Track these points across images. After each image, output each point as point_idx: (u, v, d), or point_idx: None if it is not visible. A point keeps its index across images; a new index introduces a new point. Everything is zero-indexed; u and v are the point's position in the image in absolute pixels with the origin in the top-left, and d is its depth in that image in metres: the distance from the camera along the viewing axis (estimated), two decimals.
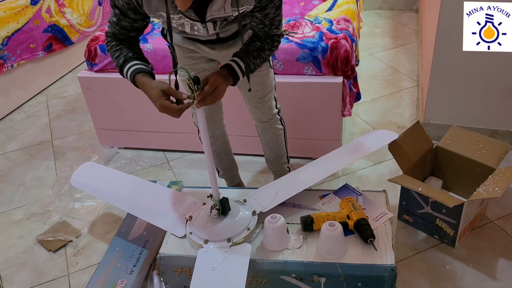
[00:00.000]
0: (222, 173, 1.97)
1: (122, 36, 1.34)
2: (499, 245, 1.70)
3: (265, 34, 1.38)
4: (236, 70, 1.33)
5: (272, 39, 1.39)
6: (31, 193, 2.23)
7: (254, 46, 1.37)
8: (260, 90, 1.63)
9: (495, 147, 1.78)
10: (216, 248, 1.36)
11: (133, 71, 1.30)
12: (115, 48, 1.35)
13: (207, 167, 1.40)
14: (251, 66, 1.36)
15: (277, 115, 1.75)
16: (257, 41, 1.38)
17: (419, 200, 1.70)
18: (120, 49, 1.34)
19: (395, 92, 2.79)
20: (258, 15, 1.30)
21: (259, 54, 1.37)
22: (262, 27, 1.35)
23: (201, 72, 1.58)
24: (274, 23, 1.34)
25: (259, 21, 1.32)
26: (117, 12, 1.29)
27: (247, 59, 1.34)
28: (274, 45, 1.40)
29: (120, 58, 1.33)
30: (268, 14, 1.30)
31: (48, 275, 1.77)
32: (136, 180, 1.79)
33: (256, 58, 1.37)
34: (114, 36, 1.35)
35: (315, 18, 2.22)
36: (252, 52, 1.36)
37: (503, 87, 2.05)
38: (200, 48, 1.52)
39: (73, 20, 3.39)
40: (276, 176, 1.97)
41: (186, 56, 1.56)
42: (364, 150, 1.70)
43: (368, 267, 1.30)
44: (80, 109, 2.94)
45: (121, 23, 1.30)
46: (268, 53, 1.40)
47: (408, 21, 3.85)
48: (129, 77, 1.31)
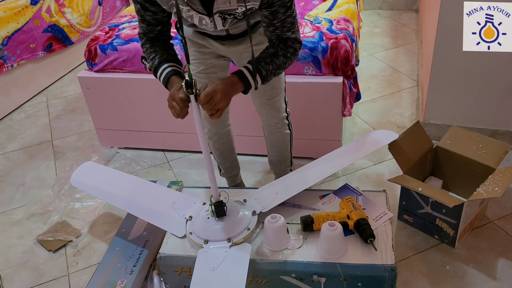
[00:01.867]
0: (223, 171, 1.96)
1: (151, 34, 1.37)
2: (499, 245, 1.70)
3: (277, 38, 1.33)
4: (247, 76, 1.29)
5: (286, 44, 1.33)
6: (31, 193, 2.24)
7: (267, 52, 1.33)
8: (268, 90, 1.61)
9: (495, 147, 1.78)
10: (216, 248, 1.36)
11: (168, 73, 1.33)
12: (150, 50, 1.39)
13: (206, 168, 1.39)
14: (263, 73, 1.30)
15: (285, 119, 1.72)
16: (270, 47, 1.34)
17: (419, 200, 1.70)
18: (155, 51, 1.38)
19: (395, 92, 2.79)
20: (266, 13, 1.27)
21: (272, 60, 1.31)
22: (273, 30, 1.31)
23: (210, 68, 1.59)
24: (286, 25, 1.30)
25: (269, 21, 1.29)
26: (138, 7, 1.31)
27: (258, 65, 1.30)
28: (288, 51, 1.33)
29: (155, 59, 1.37)
30: (276, 14, 1.26)
31: (48, 275, 1.77)
32: (136, 180, 1.79)
33: (269, 64, 1.31)
34: (145, 37, 1.39)
35: (315, 18, 2.22)
36: (264, 58, 1.31)
37: (503, 87, 2.05)
38: (210, 43, 1.52)
39: (73, 20, 3.39)
40: (277, 177, 1.96)
41: (197, 51, 1.56)
42: (364, 150, 1.70)
43: (368, 267, 1.30)
44: (80, 109, 2.94)
45: (144, 19, 1.33)
46: (283, 59, 1.33)
47: (408, 21, 3.85)
48: (163, 78, 1.34)
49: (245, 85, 1.30)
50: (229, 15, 1.31)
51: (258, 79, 1.31)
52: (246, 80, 1.29)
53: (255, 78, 1.30)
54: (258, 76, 1.30)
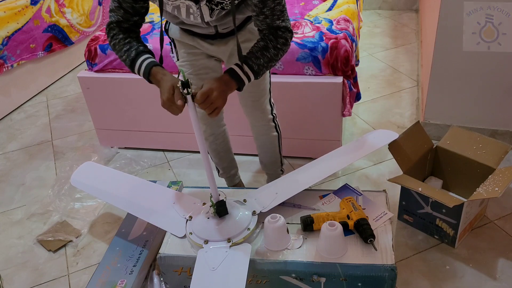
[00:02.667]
0: (222, 172, 1.96)
1: (126, 24, 1.32)
2: (499, 245, 1.70)
3: (268, 27, 1.31)
4: (239, 73, 1.29)
5: (276, 34, 1.31)
6: (31, 193, 2.24)
7: (257, 46, 1.31)
8: (254, 92, 1.61)
9: (495, 147, 1.78)
10: (216, 248, 1.36)
11: (149, 63, 1.30)
12: (124, 42, 1.33)
13: (205, 168, 1.40)
14: (255, 67, 1.30)
15: (271, 121, 1.73)
16: (260, 40, 1.33)
17: (419, 200, 1.70)
18: (129, 42, 1.33)
19: (395, 92, 2.79)
20: (256, 1, 1.25)
21: (263, 54, 1.30)
22: (263, 18, 1.29)
23: (201, 69, 1.58)
24: (276, 12, 1.27)
25: (258, 10, 1.27)
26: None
27: (249, 60, 1.30)
28: (279, 42, 1.31)
29: (131, 51, 1.32)
30: (266, 1, 1.24)
31: (48, 275, 1.77)
32: (136, 180, 1.79)
33: (259, 58, 1.30)
34: (118, 26, 1.33)
35: (315, 18, 2.22)
36: (255, 53, 1.30)
37: (503, 87, 2.05)
38: (199, 44, 1.52)
39: (73, 20, 3.39)
40: (269, 177, 1.98)
41: (187, 52, 1.56)
42: (364, 150, 1.70)
43: (368, 267, 1.30)
44: (80, 109, 2.94)
45: (121, 6, 1.29)
46: (274, 52, 1.31)
47: (408, 21, 3.85)
48: (145, 69, 1.30)
49: (237, 82, 1.30)
50: (217, 5, 1.29)
51: (251, 74, 1.31)
52: (238, 77, 1.29)
53: (247, 74, 1.30)
54: (250, 72, 1.30)
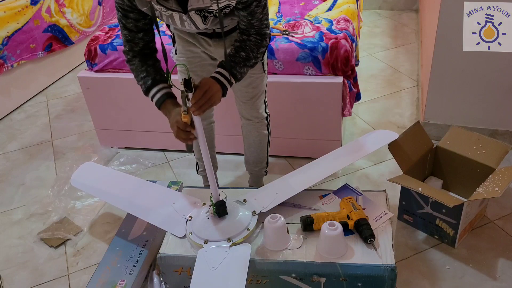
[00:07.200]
0: (201, 169, 1.97)
1: (137, 47, 1.39)
2: (499, 245, 1.70)
3: (256, 32, 1.38)
4: (222, 80, 1.35)
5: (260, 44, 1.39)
6: (31, 193, 2.23)
7: (240, 57, 1.39)
8: (250, 92, 1.65)
9: (495, 147, 1.78)
10: (216, 248, 1.36)
11: (163, 95, 1.39)
12: (141, 69, 1.41)
13: (206, 168, 1.41)
14: (238, 76, 1.39)
15: (265, 120, 1.75)
16: (241, 51, 1.39)
17: (419, 200, 1.70)
18: (146, 71, 1.41)
19: (395, 92, 2.79)
20: (244, 14, 1.31)
21: (245, 65, 1.40)
22: (251, 26, 1.36)
23: (199, 66, 1.60)
24: (264, 22, 1.37)
25: (247, 21, 1.34)
26: (120, 15, 1.34)
27: (233, 69, 1.37)
28: (260, 51, 1.41)
29: (148, 80, 1.41)
30: (254, 14, 1.31)
31: (48, 275, 1.77)
32: (136, 180, 1.79)
33: (242, 68, 1.40)
34: (131, 49, 1.40)
35: (315, 18, 2.22)
36: (238, 63, 1.39)
37: (503, 87, 2.05)
38: (198, 41, 1.55)
39: (73, 20, 3.39)
40: (252, 177, 1.97)
41: (185, 49, 1.58)
42: (364, 150, 1.70)
43: (368, 267, 1.30)
44: (80, 109, 2.94)
45: (126, 26, 1.35)
46: (254, 62, 1.42)
47: (408, 21, 3.85)
48: (158, 100, 1.40)
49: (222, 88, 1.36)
50: (209, 13, 1.33)
51: (233, 80, 1.39)
52: (222, 84, 1.36)
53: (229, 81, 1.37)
54: (232, 78, 1.38)
